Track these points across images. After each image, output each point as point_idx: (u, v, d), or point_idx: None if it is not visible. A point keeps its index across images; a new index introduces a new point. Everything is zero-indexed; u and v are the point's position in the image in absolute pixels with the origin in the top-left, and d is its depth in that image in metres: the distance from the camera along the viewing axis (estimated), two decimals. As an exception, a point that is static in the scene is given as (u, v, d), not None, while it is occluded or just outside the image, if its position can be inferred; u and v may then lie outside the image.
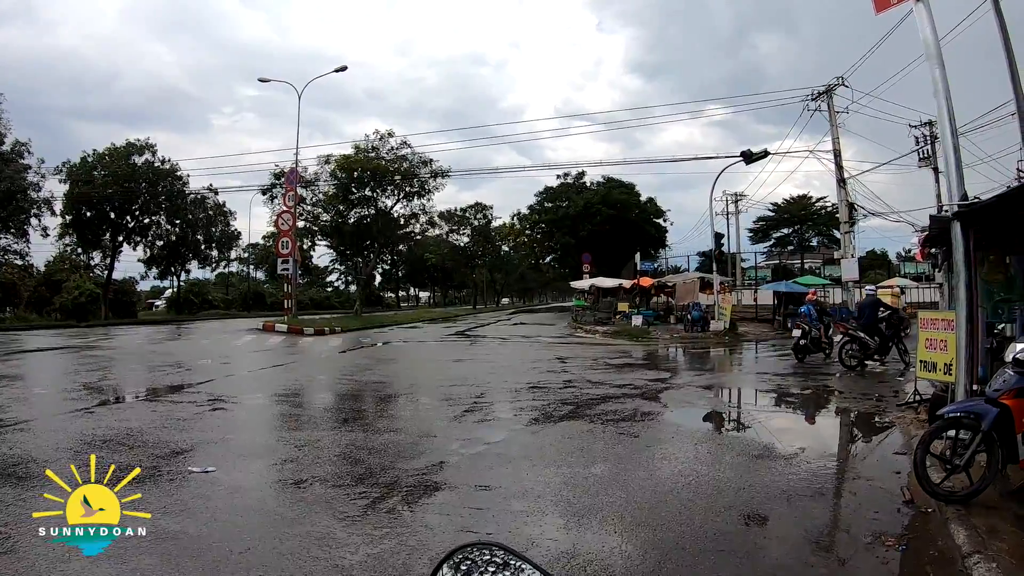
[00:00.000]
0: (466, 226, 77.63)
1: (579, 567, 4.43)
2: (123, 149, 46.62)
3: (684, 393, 12.83)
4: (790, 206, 75.03)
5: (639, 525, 5.32)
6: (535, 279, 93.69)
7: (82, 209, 45.61)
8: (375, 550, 4.74)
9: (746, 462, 7.40)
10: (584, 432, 9.02)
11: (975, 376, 7.21)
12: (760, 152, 28.74)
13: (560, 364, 17.68)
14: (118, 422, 9.37)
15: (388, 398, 12.49)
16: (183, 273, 57.72)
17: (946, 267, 9.60)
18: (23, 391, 12.85)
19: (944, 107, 7.47)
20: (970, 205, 7.07)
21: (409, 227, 54.77)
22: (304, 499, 6.02)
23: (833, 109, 31.86)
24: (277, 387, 13.67)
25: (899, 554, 4.76)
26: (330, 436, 8.79)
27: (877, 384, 13.56)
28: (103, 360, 18.40)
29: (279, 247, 36.19)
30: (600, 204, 61.63)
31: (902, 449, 7.92)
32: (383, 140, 46.99)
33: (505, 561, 1.29)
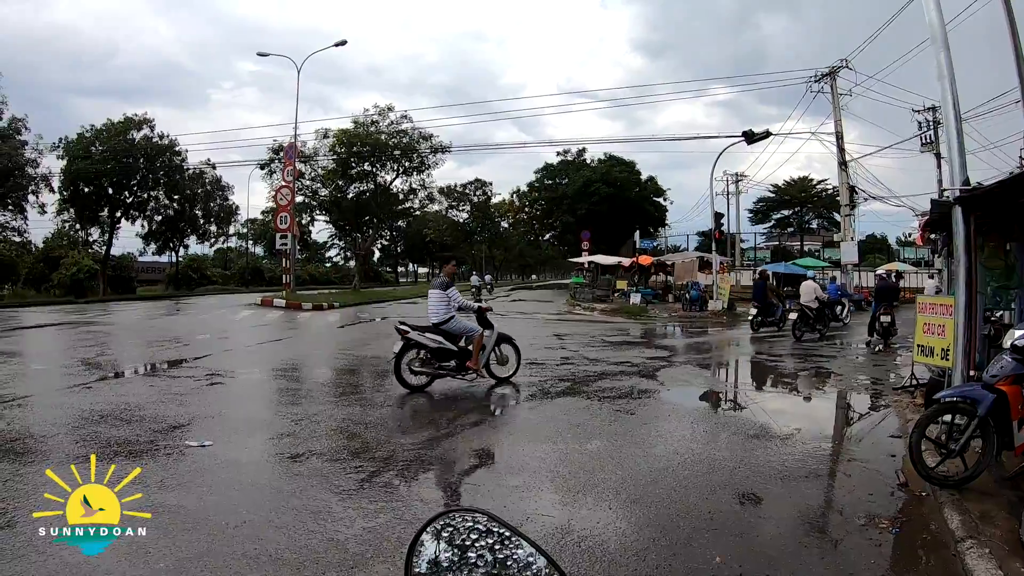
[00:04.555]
0: (465, 202, 77.64)
1: (573, 543, 4.45)
2: (121, 124, 46.26)
3: (681, 372, 12.87)
4: (791, 188, 74.79)
5: (634, 502, 5.34)
6: (534, 256, 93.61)
7: (80, 185, 45.34)
8: (370, 523, 4.76)
9: (741, 441, 7.42)
10: (581, 409, 9.04)
11: (972, 362, 7.22)
12: (762, 133, 28.66)
13: (558, 341, 17.71)
14: (116, 397, 9.36)
15: (385, 373, 12.45)
16: (181, 248, 57.65)
17: (946, 252, 9.58)
18: (21, 367, 12.83)
19: (948, 91, 7.41)
20: (972, 190, 7.03)
21: (408, 202, 54.76)
22: (301, 473, 6.03)
23: (836, 91, 31.83)
24: (275, 362, 13.68)
25: (892, 537, 4.78)
26: (327, 411, 8.80)
27: (874, 367, 13.61)
28: (101, 336, 18.38)
29: (277, 222, 36.07)
30: (599, 182, 61.44)
31: (897, 433, 7.96)
32: (383, 114, 46.89)
33: (488, 528, 1.26)
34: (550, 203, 67.28)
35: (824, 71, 32.03)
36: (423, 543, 1.27)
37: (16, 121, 40.83)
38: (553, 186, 67.18)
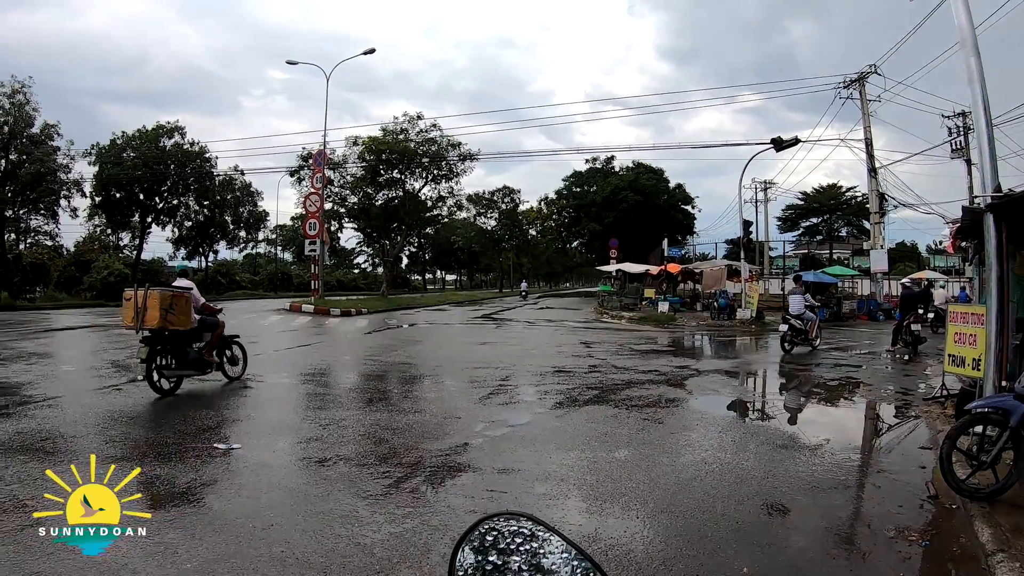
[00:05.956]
0: (494, 209, 77.77)
1: (601, 551, 4.45)
2: (153, 132, 47.19)
3: (709, 380, 12.78)
4: (819, 195, 74.02)
5: (661, 511, 5.33)
6: (561, 263, 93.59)
7: (111, 190, 46.30)
8: (397, 529, 4.80)
9: (769, 452, 7.37)
10: (608, 417, 9.03)
11: (1004, 372, 7.11)
12: (790, 140, 28.36)
13: (585, 349, 17.69)
14: (146, 399, 9.51)
15: (413, 379, 12.55)
16: (211, 254, 58.33)
17: (977, 260, 9.44)
18: (53, 368, 13.04)
19: (979, 96, 7.32)
20: (1004, 197, 6.94)
21: (436, 210, 55.01)
22: (328, 477, 6.09)
23: (865, 97, 31.54)
24: (303, 367, 13.78)
25: (921, 549, 4.73)
26: (355, 416, 8.87)
27: (903, 377, 13.44)
28: (131, 338, 18.54)
29: (306, 228, 36.45)
30: (627, 190, 61.33)
31: (927, 444, 7.86)
32: (412, 122, 47.19)
33: (533, 532, 1.27)
34: (578, 210, 67.27)
35: (853, 77, 31.77)
36: (468, 546, 1.28)
37: (48, 127, 41.71)
38: (581, 193, 67.15)
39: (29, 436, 7.27)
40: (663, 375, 12.91)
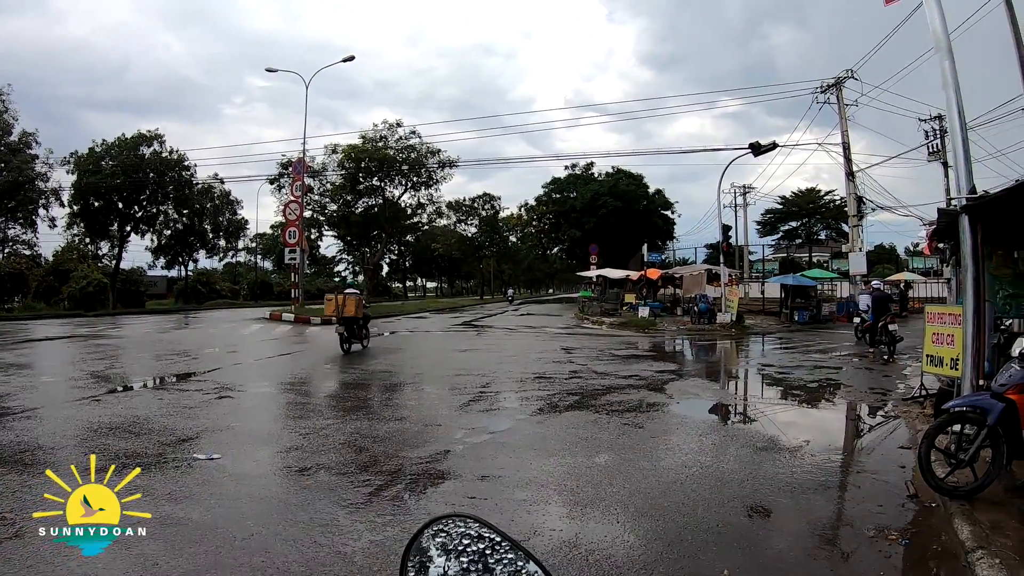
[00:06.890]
0: (474, 216, 77.73)
1: (581, 556, 4.44)
2: (131, 140, 46.75)
3: (690, 384, 12.83)
4: (798, 199, 74.60)
5: (642, 515, 5.32)
6: (542, 270, 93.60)
7: (90, 199, 45.76)
8: (378, 537, 4.77)
9: (750, 454, 7.39)
10: (589, 422, 9.02)
11: (981, 371, 7.18)
12: (768, 144, 28.55)
13: (566, 355, 17.67)
14: (125, 410, 9.42)
15: (394, 387, 12.49)
16: (191, 263, 57.91)
17: (954, 261, 9.54)
18: (31, 379, 12.85)
19: (953, 100, 7.41)
20: (979, 198, 7.01)
21: (416, 217, 55.07)
22: (308, 486, 6.04)
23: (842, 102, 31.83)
24: (283, 376, 13.71)
25: (902, 548, 4.76)
26: (335, 424, 8.81)
27: (883, 378, 13.55)
28: (111, 349, 18.48)
29: (286, 237, 36.32)
30: (607, 195, 61.36)
31: (907, 444, 7.92)
32: (391, 130, 47.31)
33: (479, 534, 1.29)
34: (558, 216, 67.24)
35: (830, 82, 32.05)
36: (417, 547, 1.30)
37: (27, 135, 41.36)
38: (561, 200, 67.12)
39: (8, 448, 7.18)
40: (643, 380, 12.91)
